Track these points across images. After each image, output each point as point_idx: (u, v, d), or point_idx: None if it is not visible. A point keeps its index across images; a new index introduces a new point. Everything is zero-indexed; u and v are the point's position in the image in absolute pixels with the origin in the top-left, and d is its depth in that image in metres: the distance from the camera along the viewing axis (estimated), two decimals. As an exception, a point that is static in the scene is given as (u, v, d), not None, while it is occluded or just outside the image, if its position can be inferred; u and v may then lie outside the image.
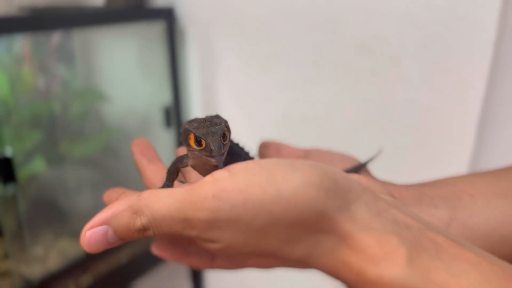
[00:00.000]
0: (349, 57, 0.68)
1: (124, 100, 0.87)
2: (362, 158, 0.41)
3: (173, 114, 0.89)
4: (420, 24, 0.61)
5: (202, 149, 0.27)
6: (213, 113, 0.31)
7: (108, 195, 0.34)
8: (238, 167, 0.25)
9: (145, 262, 0.84)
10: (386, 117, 0.68)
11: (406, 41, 0.63)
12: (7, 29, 0.61)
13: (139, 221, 0.26)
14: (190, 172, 0.35)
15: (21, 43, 0.67)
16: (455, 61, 0.60)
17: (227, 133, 0.28)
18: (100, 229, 0.27)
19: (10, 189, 0.66)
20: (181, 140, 0.28)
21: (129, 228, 0.26)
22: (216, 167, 0.28)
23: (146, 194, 0.27)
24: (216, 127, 0.27)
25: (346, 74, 0.70)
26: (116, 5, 0.80)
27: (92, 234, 0.27)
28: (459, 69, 0.60)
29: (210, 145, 0.26)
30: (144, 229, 0.26)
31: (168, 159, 1.03)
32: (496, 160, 0.63)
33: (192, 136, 0.27)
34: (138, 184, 0.37)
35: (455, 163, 0.64)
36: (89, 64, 0.84)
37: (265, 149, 0.42)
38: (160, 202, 0.26)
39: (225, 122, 0.29)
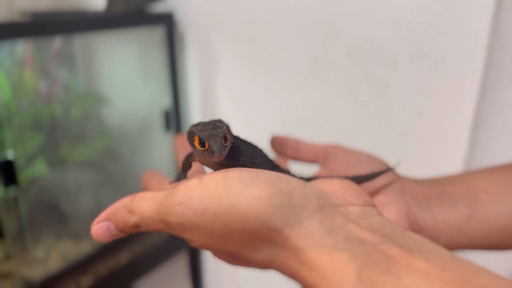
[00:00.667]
0: (346, 61, 0.69)
1: (124, 103, 0.88)
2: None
3: (173, 117, 0.90)
4: (415, 29, 0.62)
5: (205, 150, 0.29)
6: (213, 117, 0.33)
7: (145, 178, 0.39)
8: (208, 177, 0.28)
9: (145, 263, 0.84)
10: (382, 120, 0.69)
11: (401, 45, 0.64)
12: (10, 34, 0.62)
13: (132, 219, 0.30)
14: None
15: (23, 47, 0.68)
16: (449, 65, 0.61)
17: (228, 136, 0.30)
18: (104, 224, 0.31)
19: (11, 191, 0.66)
20: (188, 141, 0.31)
21: (126, 224, 0.30)
22: (218, 164, 0.31)
23: (138, 196, 0.30)
24: (218, 130, 0.30)
25: (342, 78, 0.71)
26: (117, 11, 0.81)
27: (98, 228, 0.31)
28: (453, 73, 0.61)
29: (212, 146, 0.29)
30: (137, 225, 0.30)
31: (167, 161, 1.03)
32: (488, 161, 0.64)
33: (196, 138, 0.30)
34: (138, 186, 0.39)
35: (450, 164, 0.65)
36: (90, 68, 0.85)
37: (281, 147, 0.44)
38: (146, 204, 0.29)
39: (227, 126, 0.31)
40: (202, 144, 0.29)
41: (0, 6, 0.67)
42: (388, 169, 0.39)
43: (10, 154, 0.64)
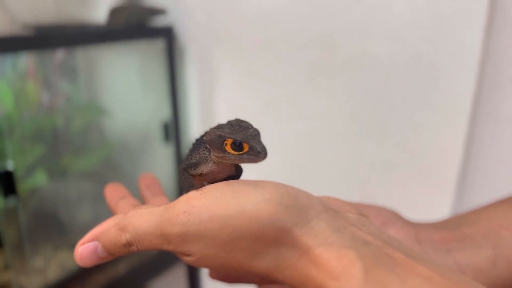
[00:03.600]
0: (342, 74, 0.71)
1: (124, 115, 0.88)
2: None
3: (172, 129, 0.91)
4: (409, 43, 0.64)
5: (243, 153, 0.28)
6: (212, 127, 0.32)
7: (110, 191, 0.37)
8: (209, 187, 0.27)
9: (143, 273, 0.84)
10: (378, 132, 0.70)
11: (396, 59, 0.65)
12: (13, 47, 0.64)
13: (124, 237, 0.28)
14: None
15: (26, 60, 0.69)
16: (443, 79, 0.62)
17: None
18: (91, 244, 0.29)
19: (11, 201, 0.67)
20: (212, 147, 0.29)
21: (116, 243, 0.29)
22: (230, 176, 0.30)
23: (130, 212, 0.29)
24: (250, 129, 0.29)
25: (339, 91, 0.72)
26: (118, 24, 0.82)
27: (84, 249, 0.29)
28: (446, 86, 0.62)
29: (256, 147, 0.28)
30: (128, 244, 0.28)
31: (166, 172, 1.04)
32: (483, 173, 0.65)
33: (229, 142, 0.28)
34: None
35: (444, 176, 0.66)
36: (91, 80, 0.86)
37: None
38: (141, 220, 0.28)
39: (250, 124, 0.30)
40: (239, 147, 0.28)
41: (3, 20, 0.69)
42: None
43: (10, 165, 0.65)
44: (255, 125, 0.30)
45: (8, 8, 0.72)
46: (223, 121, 0.32)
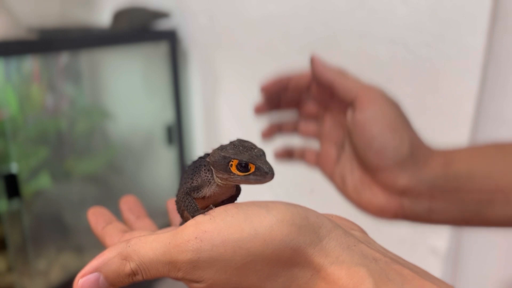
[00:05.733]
0: (345, 78, 0.71)
1: (128, 118, 0.89)
2: None
3: (175, 132, 0.91)
4: (411, 47, 0.64)
5: (249, 174, 0.28)
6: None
7: (94, 215, 0.35)
8: (217, 211, 0.27)
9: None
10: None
11: (398, 63, 0.65)
12: (18, 51, 0.64)
13: (128, 266, 0.27)
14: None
15: (30, 63, 0.70)
16: (445, 82, 0.62)
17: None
18: (92, 276, 0.28)
19: (15, 204, 0.67)
20: (216, 168, 0.29)
21: (119, 273, 0.28)
22: (229, 198, 0.30)
23: (134, 240, 0.28)
24: (255, 150, 0.29)
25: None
26: (122, 27, 0.83)
27: (85, 282, 0.28)
28: (449, 89, 0.62)
29: (263, 167, 0.27)
30: (133, 273, 0.28)
31: (169, 174, 1.04)
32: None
33: (235, 163, 0.28)
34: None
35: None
36: (95, 84, 0.86)
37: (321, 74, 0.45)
38: (147, 247, 0.27)
39: (254, 144, 0.30)
40: (245, 168, 0.28)
41: (8, 24, 0.69)
42: None
43: (14, 167, 0.65)
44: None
45: (13, 12, 0.73)
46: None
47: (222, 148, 0.29)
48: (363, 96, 0.41)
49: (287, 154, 0.51)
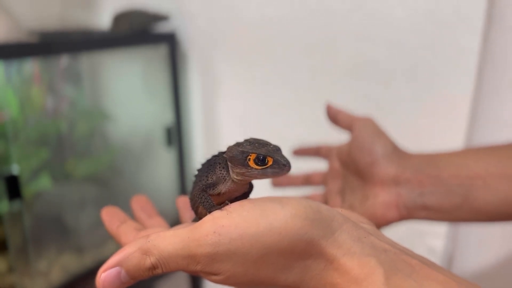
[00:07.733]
0: (343, 79, 0.72)
1: (128, 120, 0.89)
2: None
3: (175, 133, 0.92)
4: (408, 49, 0.64)
5: (267, 167, 0.29)
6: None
7: (107, 215, 0.37)
8: (233, 206, 0.28)
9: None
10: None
11: (396, 65, 0.66)
12: (18, 53, 0.65)
13: (149, 261, 0.29)
14: None
15: (31, 66, 0.70)
16: (442, 84, 0.63)
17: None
18: (114, 270, 0.29)
19: (16, 205, 0.68)
20: (234, 163, 0.30)
21: (140, 267, 0.29)
22: (243, 195, 0.32)
23: (153, 235, 0.29)
24: (272, 145, 0.30)
25: (340, 96, 0.73)
26: (121, 30, 0.83)
27: (107, 276, 0.29)
28: (445, 91, 0.63)
29: (281, 160, 0.29)
30: (153, 267, 0.29)
31: (168, 176, 1.04)
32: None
33: (253, 157, 0.29)
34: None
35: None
36: (95, 86, 0.87)
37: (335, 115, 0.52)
38: (166, 242, 0.28)
39: (267, 141, 0.31)
40: (263, 161, 0.29)
41: (8, 26, 0.70)
42: None
43: (15, 169, 0.66)
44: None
45: (14, 14, 0.74)
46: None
47: (238, 144, 0.31)
48: (356, 119, 0.48)
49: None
